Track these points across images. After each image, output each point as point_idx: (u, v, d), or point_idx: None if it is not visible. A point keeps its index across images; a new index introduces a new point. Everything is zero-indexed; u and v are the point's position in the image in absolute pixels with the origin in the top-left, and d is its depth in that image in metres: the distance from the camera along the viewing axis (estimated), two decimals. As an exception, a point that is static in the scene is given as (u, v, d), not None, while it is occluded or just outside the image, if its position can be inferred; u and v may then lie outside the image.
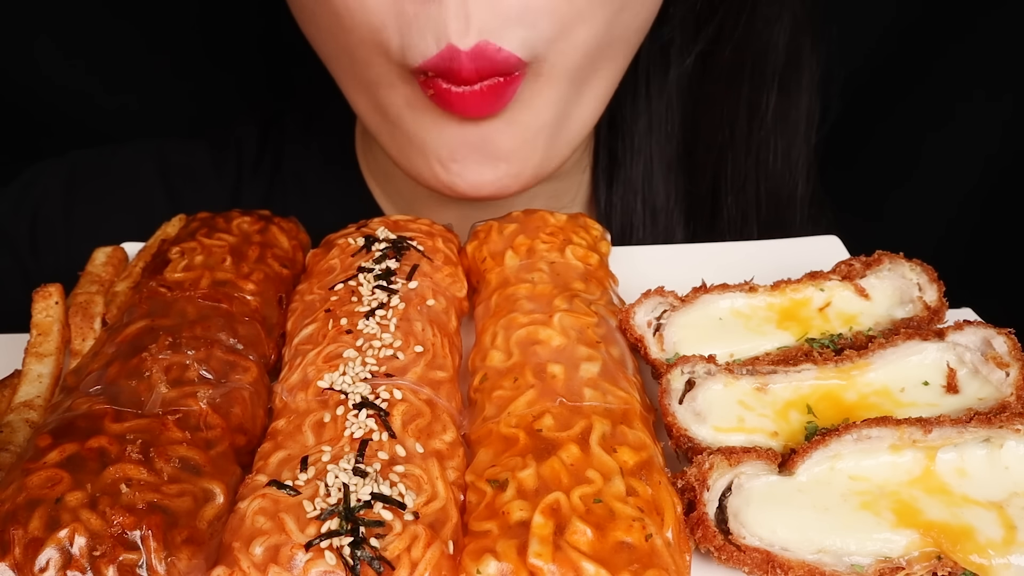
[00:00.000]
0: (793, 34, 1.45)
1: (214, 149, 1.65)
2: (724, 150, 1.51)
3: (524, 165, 1.19)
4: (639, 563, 0.74)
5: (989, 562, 0.76)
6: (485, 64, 1.06)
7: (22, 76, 1.87)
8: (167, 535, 0.74)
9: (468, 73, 1.06)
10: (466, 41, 1.04)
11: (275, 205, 1.28)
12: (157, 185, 1.61)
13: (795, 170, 1.52)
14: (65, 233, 1.57)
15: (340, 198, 1.59)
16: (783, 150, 1.51)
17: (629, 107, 1.48)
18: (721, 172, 1.52)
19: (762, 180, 1.52)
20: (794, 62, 1.46)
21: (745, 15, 1.41)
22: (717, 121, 1.50)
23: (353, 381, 0.90)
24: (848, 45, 1.86)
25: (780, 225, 1.54)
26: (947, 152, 2.01)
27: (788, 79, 1.47)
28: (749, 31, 1.43)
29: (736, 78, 1.47)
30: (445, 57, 1.05)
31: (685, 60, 1.45)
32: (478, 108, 1.10)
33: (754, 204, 1.53)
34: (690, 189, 1.53)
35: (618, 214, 1.51)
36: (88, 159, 1.65)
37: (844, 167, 2.03)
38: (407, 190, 1.50)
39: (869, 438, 0.83)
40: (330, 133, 1.63)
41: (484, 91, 1.08)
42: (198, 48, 1.90)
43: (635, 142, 1.49)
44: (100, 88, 1.91)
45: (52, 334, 1.02)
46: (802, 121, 1.50)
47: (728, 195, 1.53)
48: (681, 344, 1.00)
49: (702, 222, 1.55)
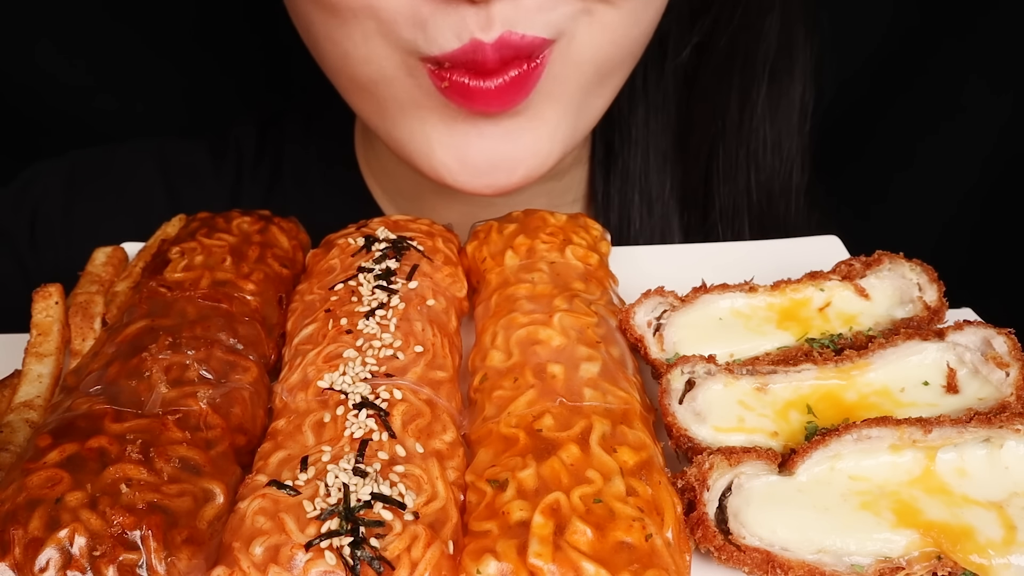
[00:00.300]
0: (785, 24, 1.45)
1: (213, 148, 1.65)
2: (716, 140, 1.51)
3: (544, 159, 1.15)
4: (639, 563, 0.74)
5: (989, 562, 0.76)
6: (509, 52, 1.02)
7: (22, 76, 1.87)
8: (167, 535, 0.74)
9: (493, 63, 1.01)
10: (490, 34, 1.00)
11: (274, 205, 1.25)
12: (157, 184, 1.61)
13: (787, 160, 1.52)
14: (65, 233, 1.57)
15: (340, 197, 1.59)
16: (774, 140, 1.51)
17: (626, 98, 1.48)
18: (714, 162, 1.52)
19: (753, 170, 1.51)
20: (786, 52, 1.47)
21: (740, 6, 1.42)
22: (709, 111, 1.50)
23: (353, 381, 0.90)
24: (848, 45, 1.87)
25: (773, 215, 1.54)
26: (947, 152, 2.01)
27: (780, 69, 1.47)
28: (743, 21, 1.43)
29: (728, 68, 1.47)
30: (468, 50, 1.01)
31: (681, 51, 1.46)
32: (499, 102, 1.05)
33: (745, 194, 1.53)
34: (684, 179, 1.53)
35: (615, 206, 1.52)
36: (87, 158, 1.65)
37: (844, 167, 2.03)
38: (408, 188, 1.50)
39: (869, 438, 0.83)
40: (329, 133, 1.63)
41: (506, 85, 1.04)
42: (197, 48, 1.89)
43: (632, 133, 1.50)
44: (99, 88, 1.91)
45: (52, 334, 1.02)
46: (794, 111, 1.50)
47: (721, 185, 1.53)
48: (681, 344, 1.00)
49: (696, 212, 1.55)
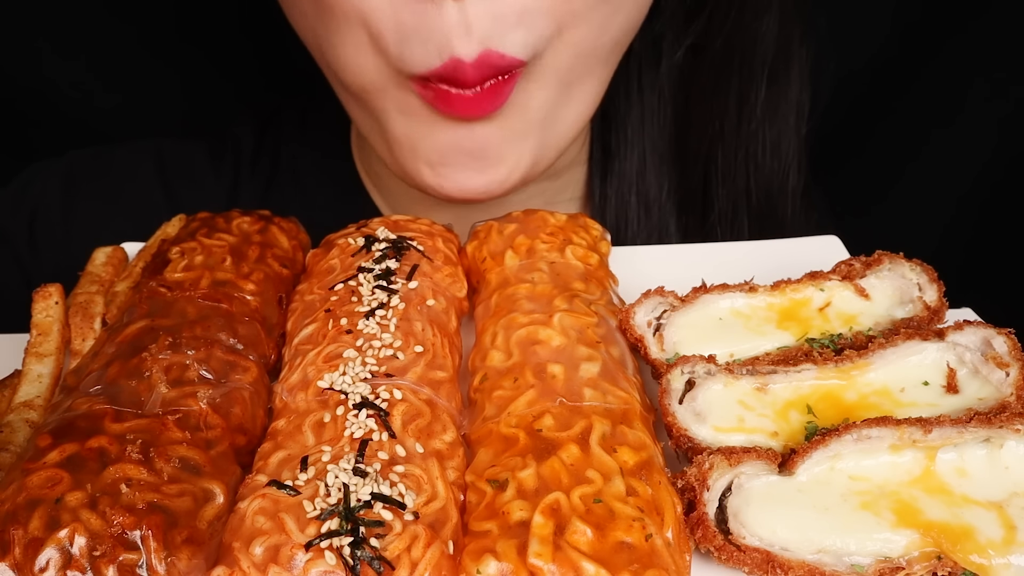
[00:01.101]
0: (782, 25, 1.45)
1: (212, 148, 1.65)
2: (714, 142, 1.51)
3: (514, 168, 1.21)
4: (639, 563, 0.74)
5: (989, 562, 0.76)
6: (488, 71, 1.08)
7: (21, 75, 1.87)
8: (167, 535, 0.74)
9: (472, 79, 1.07)
10: (469, 51, 1.05)
11: (273, 204, 1.28)
12: (155, 185, 1.62)
13: (785, 162, 1.52)
14: (64, 233, 1.57)
15: (338, 197, 1.60)
16: (773, 142, 1.51)
17: (622, 99, 1.48)
18: (712, 164, 1.53)
19: (752, 172, 1.52)
20: (783, 54, 1.47)
21: (735, 9, 1.42)
22: (707, 114, 1.50)
23: (353, 381, 0.90)
24: (850, 45, 1.87)
25: (771, 217, 1.54)
26: (947, 151, 2.01)
27: (777, 71, 1.47)
28: (739, 24, 1.43)
29: (726, 71, 1.47)
30: (449, 67, 1.07)
31: (676, 53, 1.46)
32: (478, 108, 1.11)
33: (744, 196, 1.53)
34: (682, 182, 1.54)
35: (612, 207, 1.52)
36: (86, 158, 1.65)
37: (844, 167, 2.03)
38: (400, 191, 1.50)
39: (869, 438, 0.83)
40: (326, 132, 1.63)
41: (484, 93, 1.10)
42: (194, 47, 1.90)
43: (628, 134, 1.50)
44: (98, 87, 1.91)
45: (52, 334, 1.02)
46: (792, 113, 1.50)
47: (719, 187, 1.53)
48: (681, 344, 1.00)
49: (694, 214, 1.55)
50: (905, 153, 2.04)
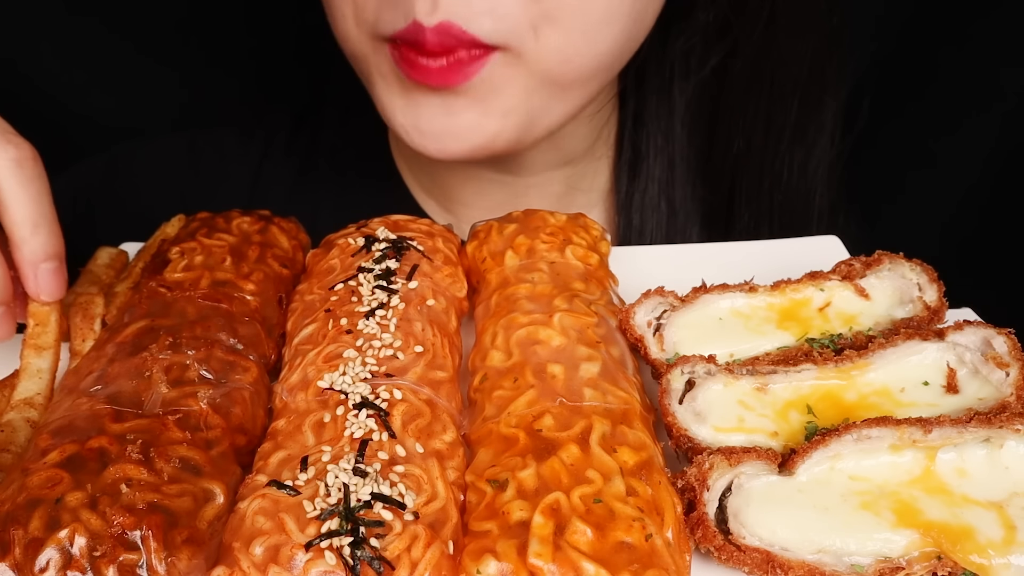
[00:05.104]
0: (817, 49, 1.44)
1: (244, 137, 1.69)
2: (740, 160, 1.51)
3: (493, 139, 1.24)
4: (639, 563, 0.74)
5: (989, 562, 0.76)
6: (450, 40, 1.13)
7: (22, 74, 1.87)
8: (167, 535, 0.74)
9: (432, 46, 1.13)
10: (431, 19, 1.11)
11: (308, 199, 1.38)
12: (191, 179, 1.66)
13: (812, 182, 1.53)
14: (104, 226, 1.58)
15: (375, 185, 1.62)
16: (800, 163, 1.51)
17: (655, 105, 1.49)
18: (737, 182, 1.53)
19: (776, 192, 1.52)
20: (817, 77, 1.46)
21: (759, 31, 1.41)
22: (734, 132, 1.50)
23: (353, 381, 0.90)
24: (849, 48, 1.86)
25: (795, 234, 1.54)
26: (947, 151, 2.01)
27: (809, 94, 1.47)
28: (770, 43, 1.43)
29: (753, 90, 1.47)
30: (411, 30, 1.13)
31: (703, 69, 1.46)
32: (439, 78, 1.16)
33: (767, 215, 1.53)
34: (707, 195, 1.54)
35: (637, 208, 1.53)
36: (124, 152, 1.69)
37: (843, 167, 2.03)
38: (434, 173, 1.55)
39: (869, 438, 0.83)
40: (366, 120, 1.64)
41: (446, 66, 1.15)
42: (198, 50, 1.90)
43: (659, 141, 1.51)
44: (97, 87, 1.91)
45: (50, 324, 1.00)
46: (824, 135, 1.50)
47: (743, 205, 1.53)
48: (681, 344, 1.00)
49: (718, 229, 1.55)
50: (905, 153, 2.04)
